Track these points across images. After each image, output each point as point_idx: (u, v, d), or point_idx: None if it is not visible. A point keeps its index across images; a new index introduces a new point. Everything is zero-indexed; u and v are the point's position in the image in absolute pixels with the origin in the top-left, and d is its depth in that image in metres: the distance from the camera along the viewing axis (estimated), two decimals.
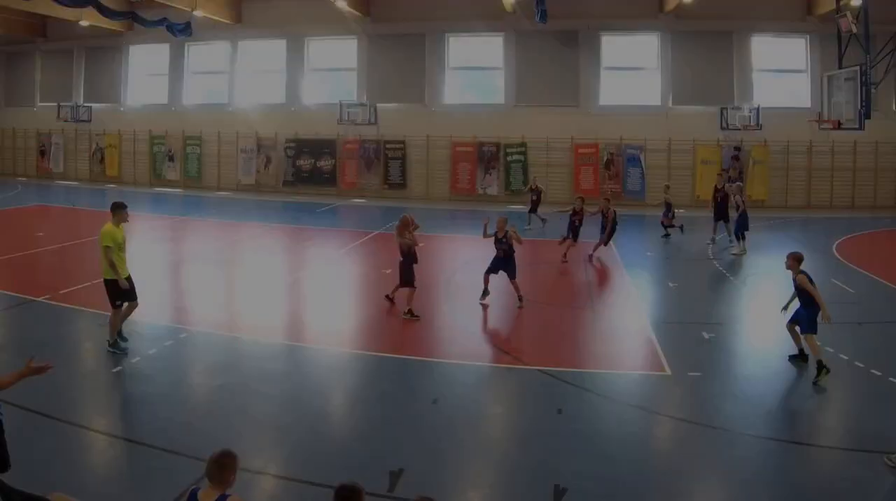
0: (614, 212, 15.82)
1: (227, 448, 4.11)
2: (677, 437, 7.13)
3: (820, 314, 8.45)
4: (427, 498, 3.91)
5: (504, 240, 11.38)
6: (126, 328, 9.13)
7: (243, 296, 12.69)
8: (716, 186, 17.79)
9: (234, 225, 20.48)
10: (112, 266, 8.61)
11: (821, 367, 8.22)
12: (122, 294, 8.75)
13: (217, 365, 8.74)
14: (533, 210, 20.00)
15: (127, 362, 8.56)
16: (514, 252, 11.45)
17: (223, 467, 3.94)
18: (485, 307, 11.51)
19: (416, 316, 10.60)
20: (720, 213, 17.37)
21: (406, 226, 10.99)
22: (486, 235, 11.65)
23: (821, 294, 8.59)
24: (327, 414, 7.53)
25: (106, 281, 8.77)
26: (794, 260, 8.69)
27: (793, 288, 8.87)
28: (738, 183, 18.68)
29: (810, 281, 8.59)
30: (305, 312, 11.92)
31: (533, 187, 20.42)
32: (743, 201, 16.56)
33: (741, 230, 16.22)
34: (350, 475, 5.48)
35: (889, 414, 7.40)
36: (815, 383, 8.20)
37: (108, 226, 8.72)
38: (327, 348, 9.56)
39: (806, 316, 8.56)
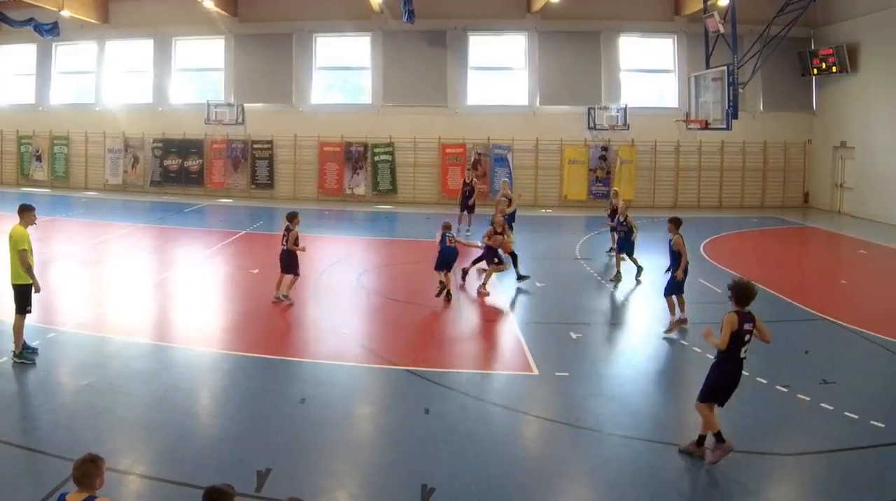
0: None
1: (92, 451, 4.09)
2: (545, 437, 7.11)
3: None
4: (295, 499, 3.94)
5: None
6: None
7: (111, 296, 12.38)
8: (464, 180, 19.66)
9: (102, 225, 19.94)
10: (29, 270, 8.31)
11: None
12: (30, 299, 8.47)
13: (84, 364, 8.61)
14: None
15: None
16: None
17: (88, 472, 3.94)
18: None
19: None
20: (464, 204, 18.98)
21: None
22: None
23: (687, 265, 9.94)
24: (195, 414, 7.45)
25: (16, 285, 8.40)
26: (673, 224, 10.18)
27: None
28: (504, 179, 19.22)
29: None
30: (173, 312, 11.76)
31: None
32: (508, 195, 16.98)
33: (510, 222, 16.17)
34: (218, 474, 5.53)
35: (756, 413, 7.40)
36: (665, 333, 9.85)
37: (18, 227, 8.36)
38: (195, 348, 9.48)
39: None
